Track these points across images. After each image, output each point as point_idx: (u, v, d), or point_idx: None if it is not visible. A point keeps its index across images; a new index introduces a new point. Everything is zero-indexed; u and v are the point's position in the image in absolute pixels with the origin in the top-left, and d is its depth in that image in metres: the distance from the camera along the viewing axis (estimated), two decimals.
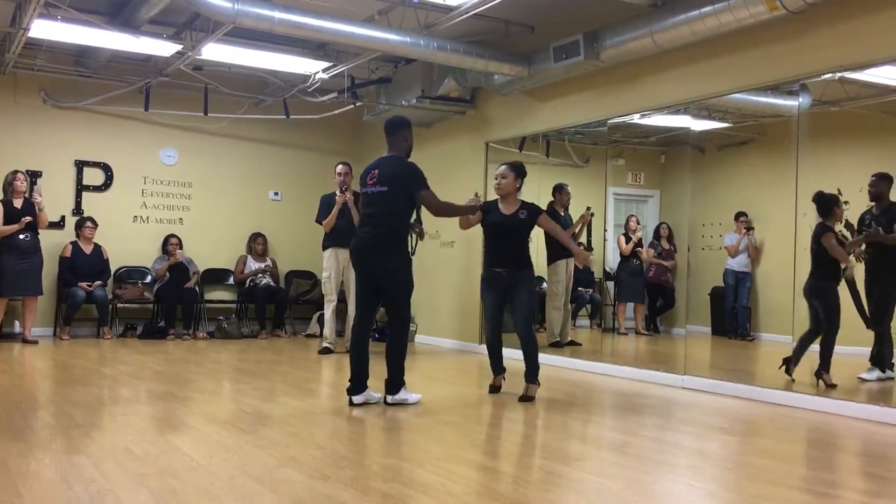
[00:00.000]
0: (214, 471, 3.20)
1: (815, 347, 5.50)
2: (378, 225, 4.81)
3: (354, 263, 4.98)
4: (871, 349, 5.55)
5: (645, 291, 8.45)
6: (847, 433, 4.49)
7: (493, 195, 5.52)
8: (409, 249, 5.24)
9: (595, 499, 3.02)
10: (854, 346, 5.65)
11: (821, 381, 5.32)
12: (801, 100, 5.55)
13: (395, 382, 4.83)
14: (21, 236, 7.72)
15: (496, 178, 5.32)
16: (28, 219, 7.71)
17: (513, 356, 5.26)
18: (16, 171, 7.88)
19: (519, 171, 5.29)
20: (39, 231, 7.89)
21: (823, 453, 4.07)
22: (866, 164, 6.09)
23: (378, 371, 4.85)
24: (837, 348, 5.41)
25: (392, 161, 4.94)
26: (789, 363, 5.57)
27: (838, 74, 5.31)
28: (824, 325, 5.49)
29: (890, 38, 4.88)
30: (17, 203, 7.79)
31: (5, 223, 7.68)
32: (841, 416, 4.84)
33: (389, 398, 4.81)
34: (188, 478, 3.07)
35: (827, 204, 5.54)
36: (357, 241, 4.92)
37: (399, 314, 4.90)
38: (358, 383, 4.80)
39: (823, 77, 5.37)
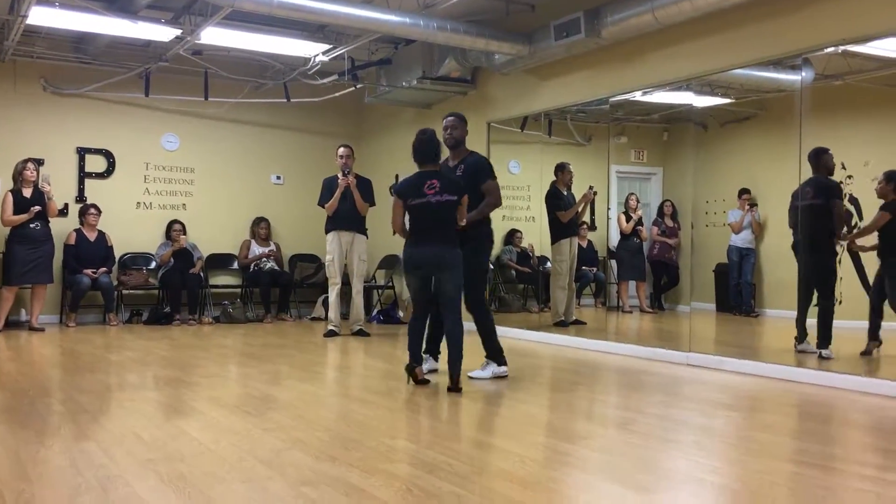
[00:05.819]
0: (222, 454, 3.22)
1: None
2: None
3: None
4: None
5: (646, 269, 8.44)
6: (853, 408, 4.49)
7: None
8: None
9: (601, 476, 3.04)
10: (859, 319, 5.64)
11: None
12: (803, 74, 5.51)
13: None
14: (32, 225, 7.75)
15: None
16: (37, 208, 7.73)
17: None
18: (26, 161, 7.90)
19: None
20: (49, 219, 7.93)
21: (829, 428, 4.08)
22: (870, 137, 6.06)
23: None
24: (841, 322, 5.43)
25: None
26: None
27: (841, 48, 5.27)
28: None
29: (893, 10, 4.84)
30: (27, 192, 7.81)
31: (15, 213, 7.71)
32: (847, 391, 4.85)
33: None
34: (196, 462, 3.09)
35: None
36: None
37: None
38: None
39: (826, 51, 5.33)
